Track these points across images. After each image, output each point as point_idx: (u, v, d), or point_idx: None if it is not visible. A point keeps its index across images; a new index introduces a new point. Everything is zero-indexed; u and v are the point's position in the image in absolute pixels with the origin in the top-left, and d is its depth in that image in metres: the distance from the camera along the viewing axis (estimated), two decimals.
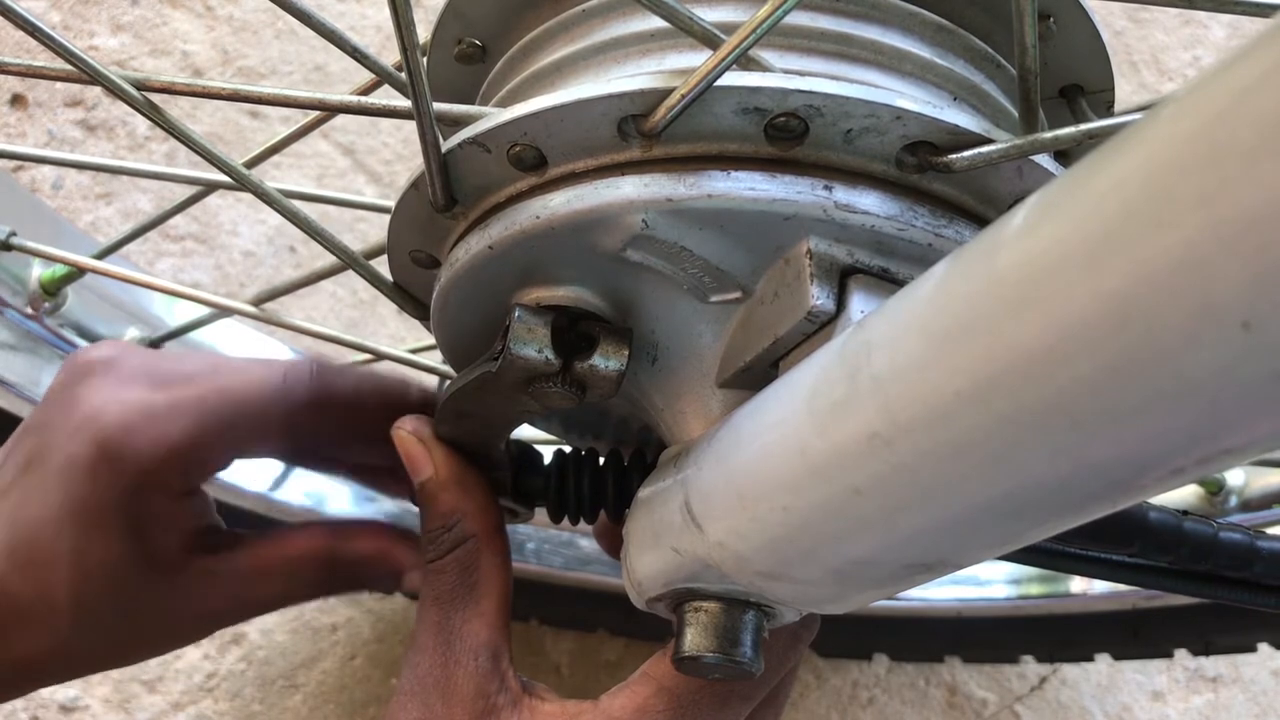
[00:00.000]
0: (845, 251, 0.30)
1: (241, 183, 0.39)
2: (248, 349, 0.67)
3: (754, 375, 0.33)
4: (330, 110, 0.37)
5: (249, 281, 0.86)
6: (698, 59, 0.31)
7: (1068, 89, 0.38)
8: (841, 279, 0.30)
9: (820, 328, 0.30)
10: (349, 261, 0.40)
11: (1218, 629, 0.65)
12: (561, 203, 0.32)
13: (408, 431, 0.42)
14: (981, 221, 0.32)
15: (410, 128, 0.31)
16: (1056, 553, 0.35)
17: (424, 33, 0.40)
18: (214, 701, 0.75)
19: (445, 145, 0.33)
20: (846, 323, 0.29)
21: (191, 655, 0.76)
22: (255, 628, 0.77)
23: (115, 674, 0.75)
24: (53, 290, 0.57)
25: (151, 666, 0.75)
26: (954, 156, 0.30)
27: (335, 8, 0.97)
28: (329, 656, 0.78)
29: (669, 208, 0.30)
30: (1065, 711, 0.80)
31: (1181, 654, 0.67)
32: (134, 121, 0.89)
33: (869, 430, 0.23)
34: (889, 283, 0.30)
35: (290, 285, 0.49)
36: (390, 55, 1.00)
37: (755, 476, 0.28)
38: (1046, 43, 0.36)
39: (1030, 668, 0.81)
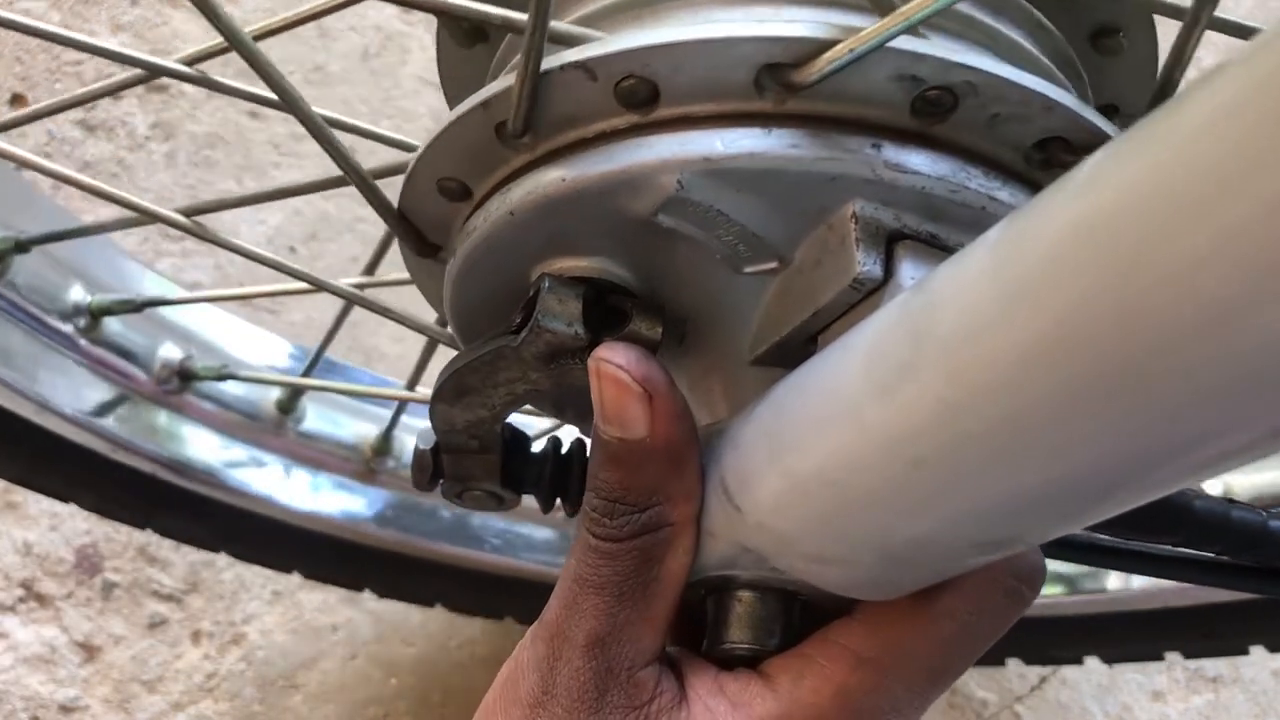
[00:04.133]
0: (893, 215, 0.29)
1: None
2: (244, 342, 0.65)
3: (789, 351, 0.31)
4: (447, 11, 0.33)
5: (249, 280, 0.85)
6: (841, 16, 0.29)
7: (1104, 108, 0.37)
8: (889, 244, 0.29)
9: (865, 296, 0.28)
10: (356, 180, 0.37)
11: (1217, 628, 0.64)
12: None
13: (618, 365, 0.30)
14: (1034, 187, 0.30)
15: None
16: (1109, 550, 0.33)
17: None
18: (214, 701, 0.75)
19: (544, 65, 0.29)
20: (895, 290, 0.28)
21: (191, 655, 0.76)
22: (255, 628, 0.77)
23: (115, 674, 0.75)
24: None
25: (151, 666, 0.75)
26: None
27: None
28: (329, 656, 0.78)
29: (705, 168, 0.29)
30: (1065, 711, 0.79)
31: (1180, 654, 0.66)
32: (134, 121, 0.88)
33: (935, 396, 0.22)
34: (938, 249, 0.29)
35: (238, 200, 0.47)
36: (390, 57, 0.99)
37: (803, 451, 0.26)
38: (1113, 57, 0.35)
39: (1030, 667, 0.80)
